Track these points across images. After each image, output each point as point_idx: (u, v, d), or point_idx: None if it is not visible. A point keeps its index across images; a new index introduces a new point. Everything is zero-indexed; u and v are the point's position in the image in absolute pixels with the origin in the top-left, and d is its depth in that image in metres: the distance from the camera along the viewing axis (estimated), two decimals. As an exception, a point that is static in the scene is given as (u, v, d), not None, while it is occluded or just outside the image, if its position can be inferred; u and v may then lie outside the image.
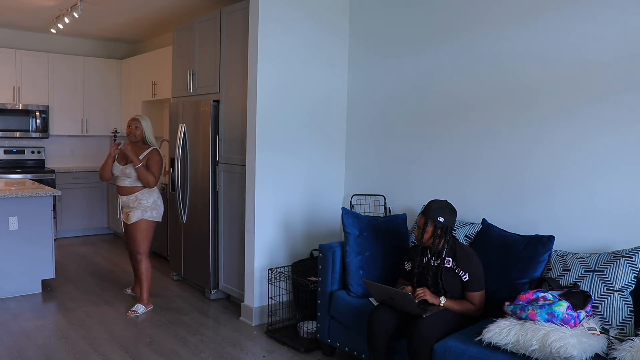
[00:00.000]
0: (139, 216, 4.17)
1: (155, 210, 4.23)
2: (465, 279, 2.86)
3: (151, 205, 4.20)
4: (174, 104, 5.06)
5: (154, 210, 4.22)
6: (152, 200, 4.20)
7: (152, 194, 4.22)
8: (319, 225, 4.32)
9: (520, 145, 3.26)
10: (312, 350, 3.58)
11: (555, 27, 3.07)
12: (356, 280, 3.32)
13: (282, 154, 4.08)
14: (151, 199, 4.20)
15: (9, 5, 5.62)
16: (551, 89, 3.10)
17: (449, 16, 3.64)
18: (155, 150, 4.22)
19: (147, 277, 4.31)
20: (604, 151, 2.89)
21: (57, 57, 6.98)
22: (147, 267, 4.29)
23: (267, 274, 3.99)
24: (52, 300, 4.53)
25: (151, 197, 4.21)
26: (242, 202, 4.19)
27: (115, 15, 6.00)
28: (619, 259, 2.64)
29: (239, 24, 4.22)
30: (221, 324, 4.06)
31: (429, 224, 2.91)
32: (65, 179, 6.87)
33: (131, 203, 4.19)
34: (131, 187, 4.18)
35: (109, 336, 3.75)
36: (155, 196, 4.25)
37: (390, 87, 4.07)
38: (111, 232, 7.37)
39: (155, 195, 4.25)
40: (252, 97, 3.96)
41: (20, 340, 3.65)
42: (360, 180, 4.34)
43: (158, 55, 6.43)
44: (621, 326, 2.55)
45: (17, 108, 6.68)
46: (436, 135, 3.75)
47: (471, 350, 2.51)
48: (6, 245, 4.50)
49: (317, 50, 4.20)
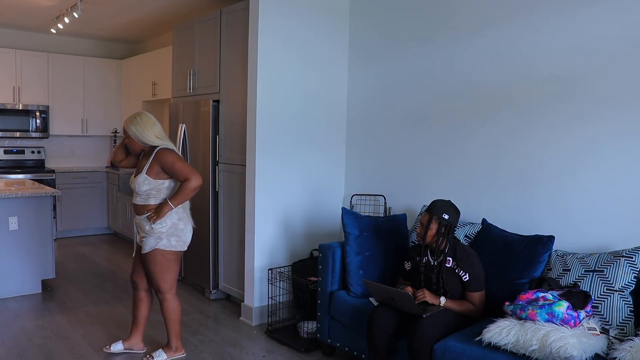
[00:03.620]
0: (152, 245, 3.18)
1: (175, 237, 3.20)
2: (466, 279, 2.86)
3: (168, 231, 3.18)
4: (174, 104, 5.06)
5: (173, 237, 3.19)
6: (169, 223, 3.18)
7: (170, 214, 3.17)
8: (319, 225, 4.32)
9: (521, 145, 3.25)
10: (312, 350, 3.59)
11: (557, 26, 3.07)
12: (356, 280, 3.32)
13: (282, 154, 4.08)
14: (168, 222, 3.17)
15: (9, 5, 5.62)
16: (552, 89, 3.09)
17: (449, 16, 3.64)
18: (160, 152, 3.19)
19: (174, 321, 3.32)
20: (604, 151, 2.89)
21: (57, 57, 6.98)
22: (173, 308, 3.30)
23: (267, 274, 3.99)
24: (52, 300, 4.53)
25: (168, 219, 3.17)
26: (242, 202, 4.19)
27: (115, 15, 6.00)
28: (619, 259, 2.64)
29: (239, 24, 4.22)
30: (221, 324, 4.06)
31: (433, 220, 2.91)
32: (65, 179, 6.88)
33: (145, 226, 3.20)
34: (142, 205, 3.21)
35: (108, 336, 3.75)
36: (175, 218, 3.19)
37: (390, 87, 4.07)
38: (111, 232, 7.37)
39: (175, 217, 3.19)
40: (252, 97, 3.96)
41: (20, 340, 3.65)
42: (360, 180, 4.34)
43: (158, 55, 6.43)
44: (621, 326, 2.55)
45: (17, 108, 6.68)
46: (436, 135, 3.75)
47: (471, 350, 2.51)
48: (6, 245, 4.50)
49: (317, 49, 4.20)
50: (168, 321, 3.34)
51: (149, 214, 3.19)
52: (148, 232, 3.19)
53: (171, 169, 3.15)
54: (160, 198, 3.20)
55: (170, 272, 3.26)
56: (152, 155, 3.19)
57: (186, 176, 3.12)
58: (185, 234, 3.27)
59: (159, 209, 3.15)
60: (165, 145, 3.24)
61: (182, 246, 3.27)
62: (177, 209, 3.20)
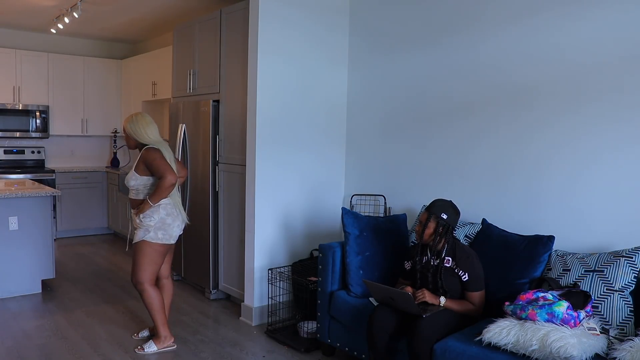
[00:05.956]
0: (141, 237, 3.40)
1: (162, 231, 3.40)
2: (465, 279, 2.86)
3: (156, 225, 3.38)
4: (174, 104, 5.06)
5: (160, 230, 3.39)
6: (157, 218, 3.38)
7: (158, 210, 3.38)
8: (319, 225, 4.32)
9: (521, 145, 3.26)
10: (312, 350, 3.58)
11: (554, 26, 3.07)
12: (356, 280, 3.32)
13: (282, 153, 4.08)
14: (156, 217, 3.37)
15: (9, 5, 5.62)
16: (551, 89, 3.10)
17: (449, 15, 3.64)
18: (145, 150, 3.39)
19: (156, 310, 3.48)
20: (605, 151, 2.89)
21: (57, 57, 6.98)
22: (152, 297, 3.45)
23: (267, 274, 3.99)
24: (52, 300, 4.53)
25: (156, 214, 3.37)
26: (242, 202, 4.19)
27: (115, 15, 6.00)
28: (619, 259, 2.64)
29: (239, 24, 4.22)
30: (221, 324, 4.06)
31: (431, 219, 2.91)
32: (65, 179, 6.87)
33: (137, 219, 3.44)
34: (134, 199, 3.47)
35: (109, 336, 3.75)
36: (162, 213, 3.39)
37: (391, 87, 4.07)
38: (111, 232, 7.37)
39: (162, 212, 3.39)
40: (252, 97, 3.96)
41: (20, 340, 3.65)
42: (360, 180, 4.34)
43: (158, 55, 6.43)
44: (621, 326, 2.55)
45: (17, 108, 6.68)
46: (436, 134, 3.75)
47: (471, 350, 2.51)
48: (6, 245, 4.50)
49: (317, 50, 4.20)
50: (151, 311, 3.49)
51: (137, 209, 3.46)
52: (138, 224, 3.43)
53: (151, 167, 3.35)
54: (147, 193, 3.43)
55: (153, 264, 3.44)
56: (139, 156, 3.42)
57: (162, 174, 3.30)
58: (173, 228, 3.46)
59: (141, 205, 3.41)
60: (154, 144, 3.42)
61: (169, 239, 3.46)
62: (165, 205, 3.41)
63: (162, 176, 3.29)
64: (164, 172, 3.28)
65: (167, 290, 3.69)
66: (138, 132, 3.42)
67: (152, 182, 3.41)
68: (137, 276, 3.42)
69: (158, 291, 3.50)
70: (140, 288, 3.44)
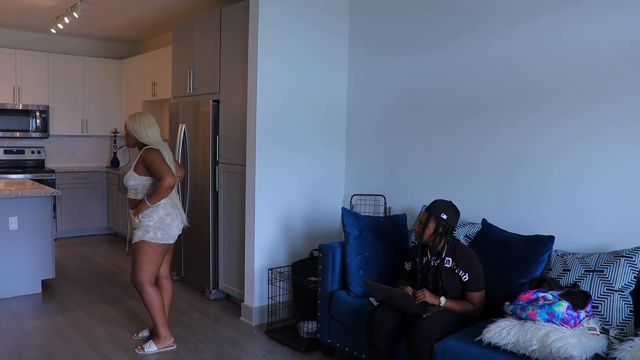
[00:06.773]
0: (140, 237, 3.39)
1: (161, 231, 3.39)
2: (465, 279, 2.86)
3: (155, 225, 3.37)
4: (174, 104, 5.06)
5: (159, 230, 3.38)
6: (156, 218, 3.37)
7: (157, 210, 3.38)
8: (319, 225, 4.32)
9: (521, 145, 3.26)
10: (312, 350, 3.58)
11: (555, 26, 3.07)
12: (356, 280, 3.32)
13: (282, 153, 4.08)
14: (155, 217, 3.37)
15: (9, 5, 5.62)
16: (552, 89, 3.10)
17: (450, 16, 3.64)
18: (145, 150, 3.39)
19: (156, 310, 3.48)
20: (604, 151, 2.89)
21: (57, 57, 6.98)
22: (152, 297, 3.45)
23: (267, 274, 3.99)
24: (52, 300, 4.53)
25: (155, 214, 3.37)
26: (242, 202, 4.19)
27: (115, 15, 6.00)
28: (619, 259, 2.64)
29: (239, 24, 4.22)
30: (221, 324, 4.06)
31: (431, 219, 2.91)
32: (65, 179, 6.88)
33: (136, 219, 3.44)
34: (133, 199, 3.46)
35: (109, 336, 3.75)
36: (162, 213, 3.38)
37: (391, 87, 4.07)
38: (111, 232, 7.37)
39: (162, 212, 3.38)
40: (252, 97, 3.96)
41: (20, 340, 3.65)
42: (360, 180, 4.34)
43: (158, 55, 6.43)
44: (621, 326, 2.55)
45: (17, 108, 6.68)
46: (436, 135, 3.75)
47: (471, 350, 2.51)
48: (6, 245, 4.50)
49: (317, 50, 4.20)
50: (151, 311, 3.48)
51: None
52: (137, 225, 3.42)
53: (150, 168, 3.34)
54: (145, 194, 3.40)
55: (152, 264, 3.43)
56: (138, 157, 3.41)
57: (161, 175, 3.29)
58: (172, 228, 3.45)
59: (139, 206, 3.39)
60: (154, 145, 3.41)
61: (167, 239, 3.45)
62: (165, 206, 3.40)
63: (161, 178, 3.29)
64: (163, 174, 3.28)
65: (166, 290, 3.70)
66: (139, 132, 3.42)
67: (150, 182, 3.40)
68: (137, 276, 3.42)
69: (158, 291, 3.50)
70: (140, 288, 3.44)
